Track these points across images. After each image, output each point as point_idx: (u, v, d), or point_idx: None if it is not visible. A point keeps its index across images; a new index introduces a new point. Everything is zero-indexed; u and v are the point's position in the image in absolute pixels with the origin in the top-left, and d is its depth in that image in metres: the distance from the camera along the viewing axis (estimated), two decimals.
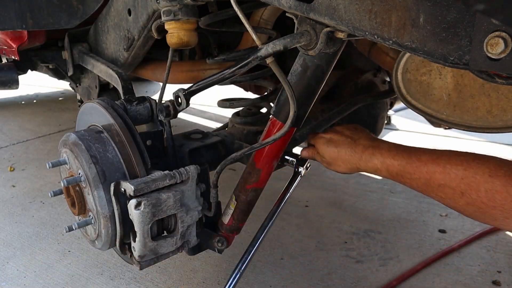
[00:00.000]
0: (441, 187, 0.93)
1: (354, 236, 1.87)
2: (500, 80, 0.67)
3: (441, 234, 1.87)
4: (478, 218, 0.91)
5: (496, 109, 1.13)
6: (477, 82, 1.13)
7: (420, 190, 0.99)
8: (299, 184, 1.29)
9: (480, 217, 0.90)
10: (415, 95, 1.24)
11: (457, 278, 1.59)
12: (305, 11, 0.83)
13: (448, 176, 0.92)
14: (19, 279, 1.60)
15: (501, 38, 0.59)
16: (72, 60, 1.71)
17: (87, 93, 1.84)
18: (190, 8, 1.15)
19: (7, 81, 2.15)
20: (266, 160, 1.18)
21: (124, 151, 1.02)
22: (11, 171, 2.58)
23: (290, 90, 0.98)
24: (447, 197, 0.93)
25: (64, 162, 1.08)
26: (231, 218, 1.25)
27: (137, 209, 0.93)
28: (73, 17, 1.49)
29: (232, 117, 1.54)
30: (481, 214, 0.88)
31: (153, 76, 1.74)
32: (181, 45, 1.20)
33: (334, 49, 0.94)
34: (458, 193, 0.90)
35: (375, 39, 0.75)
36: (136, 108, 1.16)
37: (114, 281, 1.58)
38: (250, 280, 1.55)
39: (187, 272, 1.62)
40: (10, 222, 2.00)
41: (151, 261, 1.02)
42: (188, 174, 1.02)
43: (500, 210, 0.84)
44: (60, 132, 3.26)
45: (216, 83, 1.06)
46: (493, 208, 0.85)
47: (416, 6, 0.69)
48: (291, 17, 0.93)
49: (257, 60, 0.95)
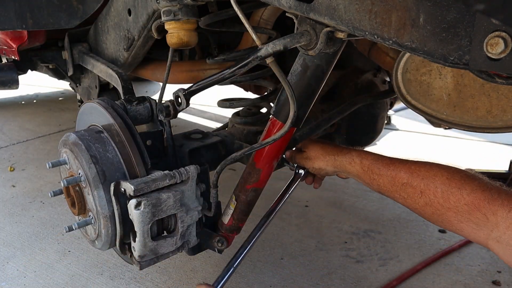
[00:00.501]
0: (404, 186, 0.99)
1: (354, 236, 1.87)
2: (500, 80, 0.67)
3: (441, 234, 1.87)
4: (436, 221, 0.95)
5: (496, 109, 1.13)
6: (477, 82, 1.13)
7: (385, 189, 1.04)
8: (299, 184, 1.29)
9: (437, 220, 0.95)
10: (415, 95, 1.24)
11: (457, 278, 1.59)
12: (305, 11, 0.83)
13: (411, 175, 0.98)
14: (19, 279, 1.60)
15: (501, 38, 0.59)
16: (72, 60, 1.71)
17: (87, 93, 1.84)
18: (190, 8, 1.15)
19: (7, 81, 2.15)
20: (266, 160, 1.18)
21: (124, 151, 1.02)
22: (11, 171, 2.58)
23: (290, 90, 0.98)
24: (409, 197, 0.98)
25: (64, 162, 1.08)
26: (231, 218, 1.25)
27: (137, 209, 0.93)
28: (73, 17, 1.49)
29: (232, 117, 1.54)
30: (438, 217, 0.93)
31: (153, 76, 1.74)
32: (181, 45, 1.20)
33: (334, 49, 0.94)
34: (418, 192, 0.95)
35: (375, 39, 0.75)
36: (136, 108, 1.16)
37: (114, 281, 1.58)
38: (250, 280, 1.55)
39: (187, 272, 1.62)
40: (10, 222, 2.00)
41: (151, 261, 1.02)
42: (188, 174, 1.02)
43: (454, 212, 0.89)
44: (60, 132, 3.26)
45: (216, 83, 1.06)
46: (448, 209, 0.90)
47: (416, 6, 0.68)
48: (291, 17, 0.93)
49: (257, 60, 0.95)
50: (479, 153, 2.83)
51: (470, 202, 0.86)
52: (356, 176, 1.12)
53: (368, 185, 1.10)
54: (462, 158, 2.71)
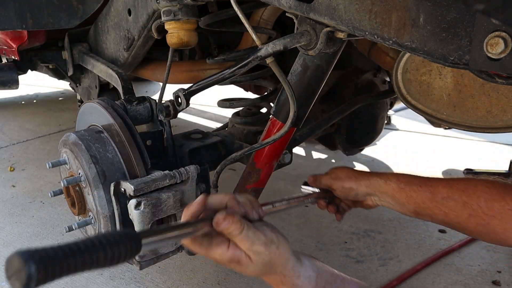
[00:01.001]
0: (445, 199, 0.97)
1: (354, 236, 1.87)
2: (500, 80, 0.67)
3: (441, 234, 1.87)
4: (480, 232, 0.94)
5: (496, 109, 1.13)
6: (477, 82, 1.13)
7: (424, 206, 1.01)
8: (299, 184, 1.28)
9: (482, 232, 0.94)
10: (415, 95, 1.24)
11: (457, 278, 1.59)
12: (305, 11, 0.83)
13: (450, 189, 0.96)
14: None
15: (501, 38, 0.59)
16: (72, 60, 1.71)
17: (87, 93, 1.84)
18: (190, 8, 1.15)
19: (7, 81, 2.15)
20: (266, 160, 1.18)
21: (124, 151, 1.02)
22: (11, 171, 2.58)
23: (290, 90, 0.98)
24: (451, 211, 0.96)
25: (64, 162, 1.08)
26: None
27: (137, 209, 0.93)
28: (73, 17, 1.49)
29: (232, 117, 1.54)
30: (483, 228, 0.92)
31: (153, 76, 1.74)
32: (181, 45, 1.20)
33: (334, 49, 0.94)
34: (461, 204, 0.94)
35: (375, 39, 0.75)
36: (136, 108, 1.16)
37: (114, 281, 1.58)
38: (250, 280, 1.55)
39: (187, 272, 1.62)
40: (10, 222, 2.00)
41: (151, 261, 1.03)
42: (188, 174, 1.02)
43: (499, 220, 0.89)
44: (60, 132, 3.26)
45: (216, 83, 1.06)
46: (492, 218, 0.90)
47: (416, 6, 0.68)
48: (291, 17, 0.93)
49: (257, 60, 0.95)
50: (479, 153, 2.83)
51: None
52: (390, 196, 1.07)
53: (403, 206, 1.06)
54: (462, 158, 2.71)
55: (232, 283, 1.53)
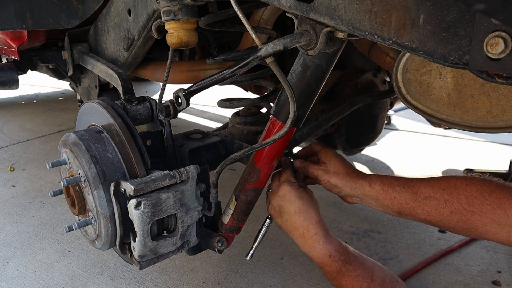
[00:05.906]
0: (427, 199, 1.01)
1: (354, 236, 1.87)
2: (500, 80, 0.67)
3: (441, 234, 1.87)
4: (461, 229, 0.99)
5: (496, 109, 1.13)
6: (477, 82, 1.13)
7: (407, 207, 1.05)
8: None
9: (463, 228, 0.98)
10: (415, 95, 1.24)
11: (457, 278, 1.59)
12: (305, 11, 0.83)
13: (432, 189, 1.01)
14: (19, 279, 1.60)
15: (501, 38, 0.59)
16: (72, 60, 1.71)
17: (87, 93, 1.84)
18: (190, 8, 1.15)
19: (7, 81, 2.15)
20: (266, 160, 1.18)
21: (124, 151, 1.02)
22: (11, 171, 2.58)
23: (290, 90, 0.98)
24: (433, 209, 1.01)
25: (64, 162, 1.08)
26: (231, 218, 1.25)
27: (137, 209, 0.93)
28: (73, 17, 1.49)
29: (232, 117, 1.54)
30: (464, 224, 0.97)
31: (153, 76, 1.74)
32: (181, 45, 1.20)
33: (334, 49, 0.94)
34: (443, 203, 0.99)
35: (375, 39, 0.75)
36: (136, 108, 1.16)
37: (114, 281, 1.58)
38: (250, 280, 1.55)
39: (187, 272, 1.62)
40: (10, 222, 2.00)
41: (151, 261, 1.03)
42: (188, 174, 1.02)
43: (479, 216, 0.93)
44: (60, 132, 3.26)
45: (216, 83, 1.06)
46: (473, 214, 0.94)
47: (416, 6, 0.69)
48: (291, 17, 0.93)
49: (257, 60, 0.95)
50: (479, 153, 2.83)
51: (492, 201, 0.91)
52: (374, 198, 1.12)
53: (387, 207, 1.10)
54: (462, 158, 2.71)
55: (232, 283, 1.53)
